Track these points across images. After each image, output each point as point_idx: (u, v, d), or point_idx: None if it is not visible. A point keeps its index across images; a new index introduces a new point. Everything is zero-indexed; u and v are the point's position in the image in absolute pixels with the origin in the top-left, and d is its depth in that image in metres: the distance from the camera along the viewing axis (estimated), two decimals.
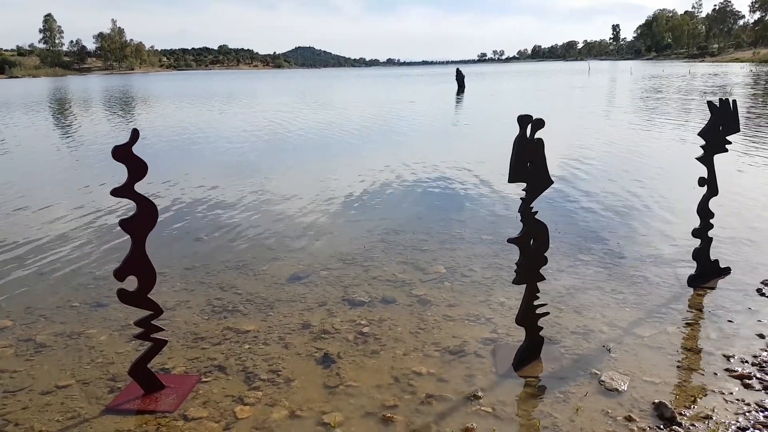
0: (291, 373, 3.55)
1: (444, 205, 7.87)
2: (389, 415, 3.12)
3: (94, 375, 3.59)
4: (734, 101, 4.63)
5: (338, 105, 28.15)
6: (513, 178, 3.36)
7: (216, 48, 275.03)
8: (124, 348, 3.92)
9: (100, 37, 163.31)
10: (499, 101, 29.05)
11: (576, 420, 3.06)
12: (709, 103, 4.56)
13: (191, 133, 16.90)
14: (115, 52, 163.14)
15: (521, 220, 3.46)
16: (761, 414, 3.09)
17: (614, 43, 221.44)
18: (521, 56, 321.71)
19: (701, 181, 4.60)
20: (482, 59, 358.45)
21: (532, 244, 3.51)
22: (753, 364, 3.58)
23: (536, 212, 3.46)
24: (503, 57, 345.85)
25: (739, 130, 4.68)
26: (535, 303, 3.61)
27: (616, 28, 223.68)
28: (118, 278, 3.11)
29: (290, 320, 4.30)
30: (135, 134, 3.05)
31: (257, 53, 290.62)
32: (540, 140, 3.35)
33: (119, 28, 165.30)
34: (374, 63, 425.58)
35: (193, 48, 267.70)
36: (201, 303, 4.65)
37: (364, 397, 3.29)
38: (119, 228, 3.13)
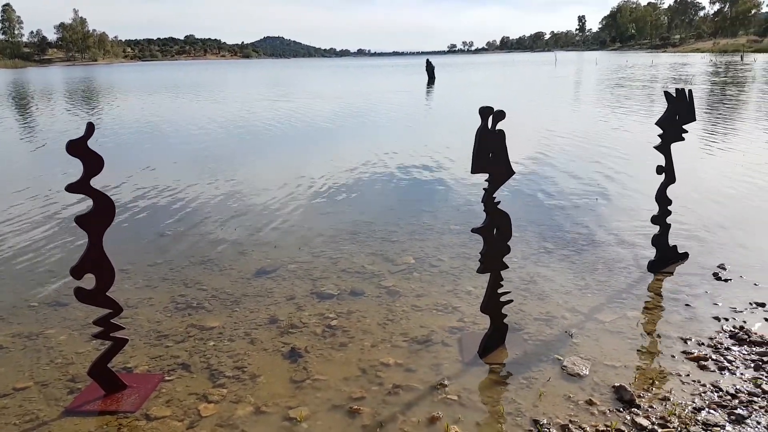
0: (257, 369, 3.53)
1: (414, 196, 7.90)
2: (356, 407, 3.12)
3: (53, 376, 3.51)
4: (690, 91, 4.74)
5: (310, 96, 27.87)
6: (475, 169, 3.38)
7: (182, 38, 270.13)
8: (84, 348, 3.83)
9: (62, 27, 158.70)
10: (470, 92, 29.19)
11: (539, 405, 3.12)
12: (666, 93, 4.65)
13: (157, 125, 16.55)
14: (77, 43, 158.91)
15: (484, 210, 3.49)
16: (716, 394, 3.19)
17: (580, 33, 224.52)
18: (490, 47, 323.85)
19: (659, 169, 4.71)
20: (452, 50, 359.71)
21: (496, 233, 3.55)
22: (708, 346, 3.69)
23: (499, 202, 3.49)
24: (473, 48, 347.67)
25: (695, 120, 4.79)
26: (499, 291, 3.66)
27: (581, 19, 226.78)
28: (75, 276, 3.04)
29: (257, 315, 4.26)
30: (90, 128, 2.97)
31: (225, 43, 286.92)
32: (501, 131, 3.38)
33: (81, 17, 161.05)
34: (345, 53, 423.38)
35: (158, 38, 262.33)
36: (164, 300, 4.57)
37: (331, 391, 3.29)
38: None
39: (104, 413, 3.11)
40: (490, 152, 3.38)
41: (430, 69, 36.53)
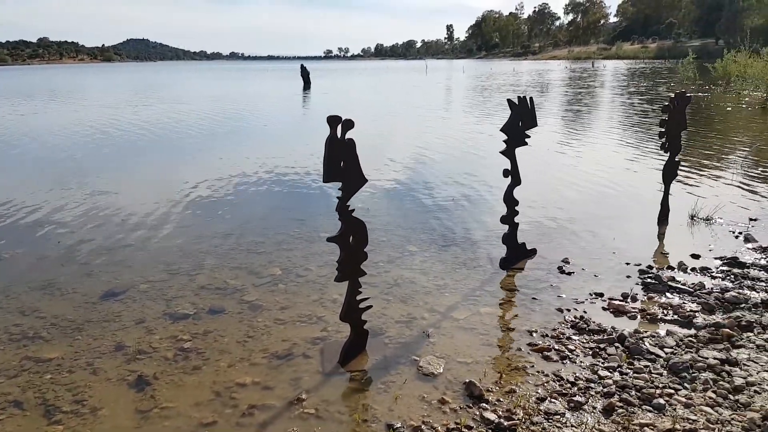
0: (98, 402, 3.24)
1: (284, 204, 7.75)
2: None
3: None
4: (531, 98, 5.11)
5: (175, 101, 26.48)
6: (327, 178, 3.38)
7: (35, 41, 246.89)
8: None
9: None
10: (345, 98, 29.42)
11: (395, 409, 3.17)
12: (509, 101, 4.97)
13: (1, 135, 14.83)
14: None
15: (339, 219, 3.50)
16: (557, 383, 3.40)
17: (449, 42, 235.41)
18: (365, 54, 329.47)
19: (505, 173, 5.03)
20: (328, 56, 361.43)
21: (352, 241, 3.57)
22: (552, 337, 3.97)
23: (353, 210, 3.51)
24: (349, 54, 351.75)
25: (536, 125, 5.17)
26: (359, 298, 3.68)
27: (450, 29, 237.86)
28: None
29: (101, 343, 3.92)
30: None
31: (83, 46, 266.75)
32: (351, 140, 3.40)
33: None
34: (216, 56, 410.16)
35: (7, 41, 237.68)
36: None
37: (180, 418, 3.11)
38: None
39: None
40: (341, 161, 3.40)
41: (305, 74, 36.32)
